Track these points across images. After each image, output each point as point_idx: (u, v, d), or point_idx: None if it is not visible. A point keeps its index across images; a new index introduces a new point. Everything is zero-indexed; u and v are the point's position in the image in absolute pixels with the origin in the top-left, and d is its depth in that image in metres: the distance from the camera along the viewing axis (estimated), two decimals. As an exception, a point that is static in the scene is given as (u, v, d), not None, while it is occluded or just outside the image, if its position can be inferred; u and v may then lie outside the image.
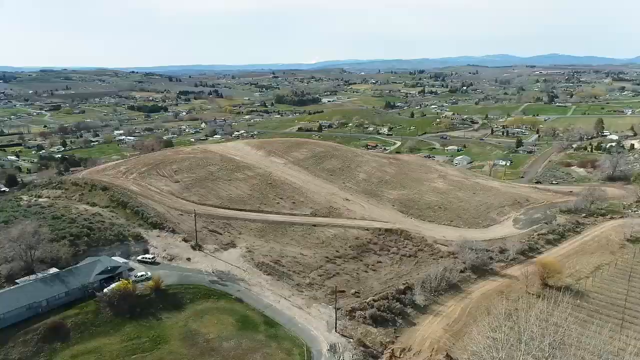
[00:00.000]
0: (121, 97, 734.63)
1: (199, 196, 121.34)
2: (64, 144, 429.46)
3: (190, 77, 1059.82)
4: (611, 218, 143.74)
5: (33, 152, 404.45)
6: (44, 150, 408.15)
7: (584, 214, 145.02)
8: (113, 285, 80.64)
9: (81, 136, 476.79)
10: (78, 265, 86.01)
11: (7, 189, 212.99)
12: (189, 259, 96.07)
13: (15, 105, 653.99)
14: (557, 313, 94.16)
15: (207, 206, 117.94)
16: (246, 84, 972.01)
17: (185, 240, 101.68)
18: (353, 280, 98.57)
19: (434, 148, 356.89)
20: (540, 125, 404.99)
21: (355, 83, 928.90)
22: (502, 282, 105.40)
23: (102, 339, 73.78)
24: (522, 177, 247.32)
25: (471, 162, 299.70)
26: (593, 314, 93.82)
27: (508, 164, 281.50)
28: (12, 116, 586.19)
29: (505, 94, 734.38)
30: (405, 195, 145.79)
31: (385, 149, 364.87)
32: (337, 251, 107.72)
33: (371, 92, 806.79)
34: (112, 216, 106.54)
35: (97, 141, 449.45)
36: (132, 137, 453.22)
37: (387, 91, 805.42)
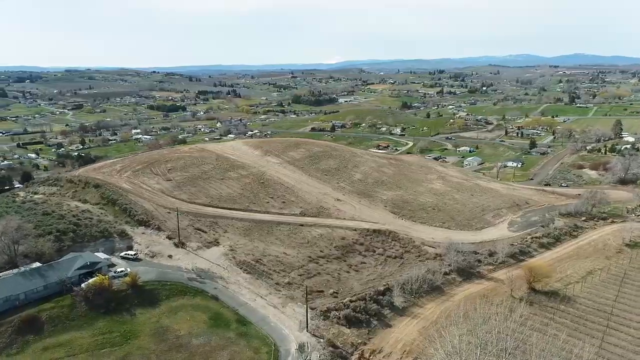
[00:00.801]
0: (141, 97, 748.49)
1: (189, 194, 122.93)
2: (82, 143, 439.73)
3: (210, 77, 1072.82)
4: (612, 222, 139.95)
5: (53, 150, 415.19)
6: (63, 149, 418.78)
7: (583, 218, 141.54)
8: (90, 281, 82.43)
9: (100, 135, 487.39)
10: (59, 260, 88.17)
11: (21, 186, 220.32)
12: (170, 256, 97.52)
13: (39, 105, 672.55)
14: (539, 318, 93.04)
15: (196, 204, 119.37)
16: (264, 84, 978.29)
17: (169, 237, 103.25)
18: (333, 281, 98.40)
19: (446, 149, 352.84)
20: (558, 127, 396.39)
21: (373, 83, 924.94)
22: (488, 286, 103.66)
23: (74, 333, 75.54)
24: (531, 179, 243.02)
25: (482, 164, 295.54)
26: (577, 320, 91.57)
27: (519, 166, 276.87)
28: (36, 115, 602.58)
29: (526, 94, 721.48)
30: (400, 196, 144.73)
31: (396, 149, 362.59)
32: (321, 251, 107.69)
33: (389, 92, 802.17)
34: (101, 213, 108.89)
35: (114, 140, 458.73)
36: (148, 136, 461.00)
37: (405, 91, 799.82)
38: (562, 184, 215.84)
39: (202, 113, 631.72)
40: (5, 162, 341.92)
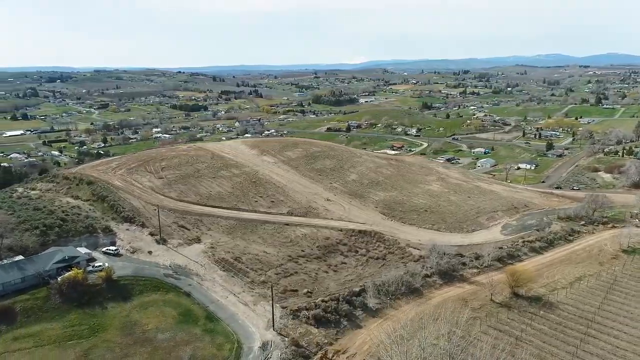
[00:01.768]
0: (165, 97, 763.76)
1: (179, 192, 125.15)
2: (104, 141, 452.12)
3: (233, 77, 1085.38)
4: (613, 227, 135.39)
5: (75, 147, 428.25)
6: (85, 147, 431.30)
7: (582, 222, 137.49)
8: (65, 274, 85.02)
9: (122, 133, 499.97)
10: (40, 254, 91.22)
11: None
12: (150, 252, 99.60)
13: (68, 104, 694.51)
14: (516, 324, 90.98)
15: (185, 202, 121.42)
16: (287, 84, 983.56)
17: (151, 234, 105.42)
18: (310, 280, 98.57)
19: (461, 150, 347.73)
20: (580, 128, 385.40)
21: (395, 83, 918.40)
22: (469, 289, 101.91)
23: (45, 324, 78.09)
24: (542, 182, 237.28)
25: (495, 165, 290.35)
26: (556, 327, 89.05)
27: (532, 168, 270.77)
28: (64, 114, 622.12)
29: (552, 95, 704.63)
30: (393, 197, 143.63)
31: (410, 150, 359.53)
32: (302, 250, 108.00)
33: (411, 92, 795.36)
34: (90, 209, 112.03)
35: (135, 138, 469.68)
36: (167, 135, 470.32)
37: (427, 92, 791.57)
38: (574, 187, 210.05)
39: (222, 113, 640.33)
40: (28, 159, 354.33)
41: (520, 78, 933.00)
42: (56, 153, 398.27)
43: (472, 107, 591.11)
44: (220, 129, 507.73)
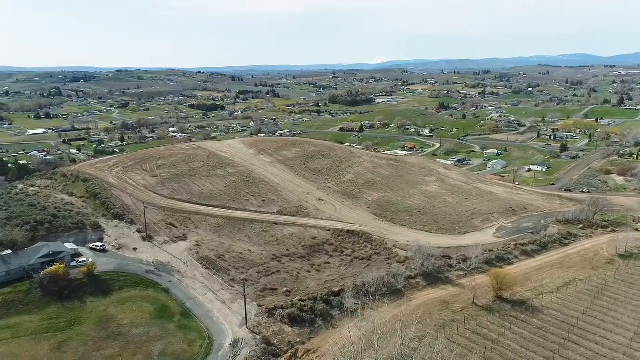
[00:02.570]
0: (184, 96, 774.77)
1: (171, 190, 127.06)
2: (122, 139, 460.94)
3: (252, 77, 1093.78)
4: (612, 231, 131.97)
5: (93, 146, 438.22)
6: (103, 145, 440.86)
7: (581, 225, 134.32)
8: (47, 269, 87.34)
9: (140, 132, 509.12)
10: (26, 248, 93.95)
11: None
12: (135, 249, 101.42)
13: (89, 103, 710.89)
14: (495, 327, 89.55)
15: (176, 200, 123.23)
16: (305, 84, 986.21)
17: (139, 231, 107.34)
18: (291, 279, 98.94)
19: (473, 151, 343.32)
20: (599, 130, 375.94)
21: (413, 83, 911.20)
22: (451, 292, 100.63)
23: (24, 317, 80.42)
24: (552, 184, 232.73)
25: (506, 167, 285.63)
26: (536, 331, 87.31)
27: (544, 170, 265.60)
28: (85, 113, 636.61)
29: (574, 95, 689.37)
30: (388, 197, 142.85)
31: (422, 150, 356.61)
32: (287, 250, 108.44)
33: (428, 92, 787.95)
34: (82, 206, 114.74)
35: (151, 137, 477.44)
36: (183, 134, 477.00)
37: (446, 92, 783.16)
38: (583, 190, 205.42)
39: (239, 112, 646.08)
40: (47, 157, 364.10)
41: (542, 78, 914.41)
42: (74, 151, 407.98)
43: (490, 108, 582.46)
44: (235, 129, 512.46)
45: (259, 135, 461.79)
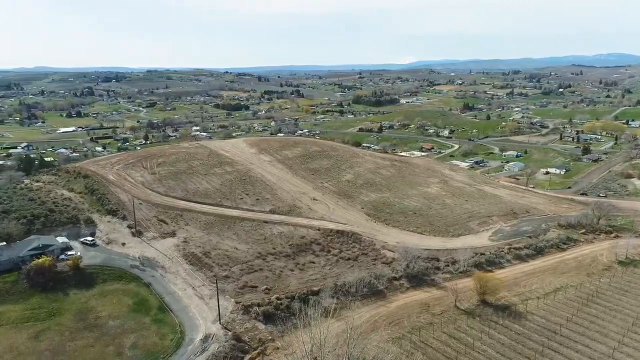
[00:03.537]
0: (210, 96, 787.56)
1: (167, 188, 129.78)
2: (146, 138, 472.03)
3: (278, 77, 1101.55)
4: (616, 236, 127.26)
5: (118, 144, 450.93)
6: (127, 143, 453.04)
7: (583, 230, 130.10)
8: (34, 261, 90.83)
9: (164, 131, 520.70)
10: (18, 241, 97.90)
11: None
12: (123, 244, 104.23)
13: (119, 102, 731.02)
14: (474, 332, 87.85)
15: (171, 197, 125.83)
16: (330, 84, 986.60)
17: (129, 227, 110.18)
18: (273, 277, 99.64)
19: (492, 152, 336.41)
20: (627, 132, 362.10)
21: (439, 84, 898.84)
22: (435, 295, 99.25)
23: (9, 306, 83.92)
24: (569, 187, 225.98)
25: (524, 169, 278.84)
26: (516, 337, 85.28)
27: (562, 173, 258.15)
28: (114, 112, 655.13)
29: (607, 96, 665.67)
30: (384, 198, 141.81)
31: (440, 151, 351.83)
32: (274, 248, 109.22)
33: (454, 93, 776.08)
34: (80, 201, 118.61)
35: (174, 136, 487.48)
36: (204, 133, 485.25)
37: (472, 92, 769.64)
38: (600, 194, 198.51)
39: (263, 112, 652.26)
40: (71, 154, 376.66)
41: (575, 79, 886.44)
42: (100, 149, 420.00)
43: (516, 109, 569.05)
44: (256, 128, 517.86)
45: (279, 134, 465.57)
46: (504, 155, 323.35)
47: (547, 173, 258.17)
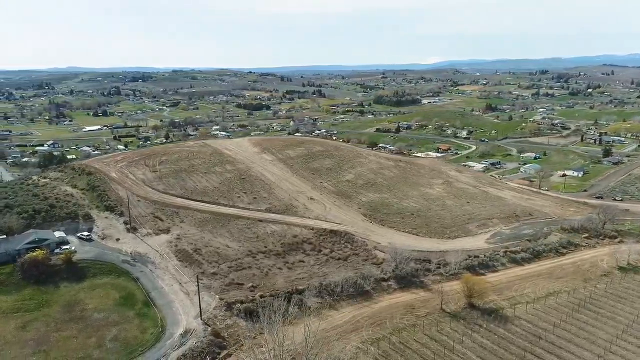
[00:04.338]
0: (232, 96, 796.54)
1: (166, 185, 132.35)
2: (166, 137, 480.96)
3: (301, 77, 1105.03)
4: (620, 242, 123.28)
5: (140, 142, 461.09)
6: (149, 141, 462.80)
7: (586, 234, 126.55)
8: (28, 254, 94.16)
9: (185, 130, 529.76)
10: (16, 234, 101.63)
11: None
12: (117, 240, 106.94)
13: (144, 102, 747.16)
14: (457, 335, 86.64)
15: (169, 195, 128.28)
16: (352, 84, 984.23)
17: (125, 223, 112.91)
18: (260, 275, 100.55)
19: (510, 154, 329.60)
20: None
21: (463, 84, 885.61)
22: (422, 296, 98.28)
23: (1, 296, 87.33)
24: (584, 191, 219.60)
25: (540, 171, 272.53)
26: (499, 342, 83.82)
27: (580, 175, 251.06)
28: (139, 111, 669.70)
29: (639, 97, 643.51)
30: (383, 199, 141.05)
31: (457, 152, 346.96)
32: (265, 247, 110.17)
33: (478, 93, 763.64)
34: (81, 197, 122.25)
35: (194, 135, 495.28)
36: (224, 132, 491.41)
37: (496, 92, 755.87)
38: (616, 198, 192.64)
39: (283, 112, 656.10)
40: (94, 152, 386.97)
41: (605, 79, 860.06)
42: (122, 147, 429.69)
43: (540, 110, 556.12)
44: (274, 128, 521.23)
45: (296, 134, 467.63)
46: (522, 157, 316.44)
47: (564, 175, 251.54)
